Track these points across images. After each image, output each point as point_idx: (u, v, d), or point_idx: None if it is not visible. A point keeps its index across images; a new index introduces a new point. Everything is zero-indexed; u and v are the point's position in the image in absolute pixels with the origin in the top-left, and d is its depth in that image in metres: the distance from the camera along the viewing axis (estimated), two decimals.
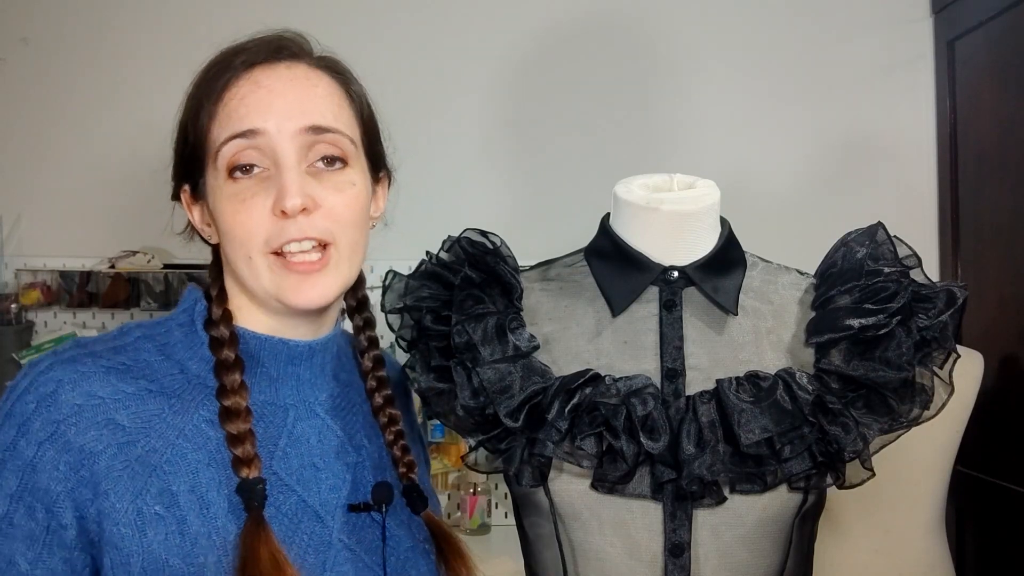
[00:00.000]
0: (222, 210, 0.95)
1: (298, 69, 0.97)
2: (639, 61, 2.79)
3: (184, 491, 0.91)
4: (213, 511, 0.91)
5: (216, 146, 0.94)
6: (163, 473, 0.91)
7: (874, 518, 2.20)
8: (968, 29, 2.61)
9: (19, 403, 0.91)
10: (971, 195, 2.64)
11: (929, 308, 1.10)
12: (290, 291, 0.95)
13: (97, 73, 2.76)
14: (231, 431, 0.94)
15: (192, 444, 0.94)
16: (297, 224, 0.93)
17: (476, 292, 1.14)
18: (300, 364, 1.02)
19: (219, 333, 0.98)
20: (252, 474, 0.93)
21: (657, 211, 1.14)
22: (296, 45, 0.99)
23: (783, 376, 1.06)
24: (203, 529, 0.90)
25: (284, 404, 1.01)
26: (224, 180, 0.95)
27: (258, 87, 0.95)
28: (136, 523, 0.89)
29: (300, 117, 0.94)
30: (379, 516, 1.02)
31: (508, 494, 1.17)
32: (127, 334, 0.99)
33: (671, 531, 1.05)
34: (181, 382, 0.97)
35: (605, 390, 1.05)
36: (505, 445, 1.09)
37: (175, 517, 0.90)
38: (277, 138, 0.93)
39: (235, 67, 0.95)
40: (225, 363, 0.97)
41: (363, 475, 1.04)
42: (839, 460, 1.05)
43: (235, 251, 0.96)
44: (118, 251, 2.69)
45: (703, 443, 1.03)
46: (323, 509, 0.99)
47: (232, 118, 0.94)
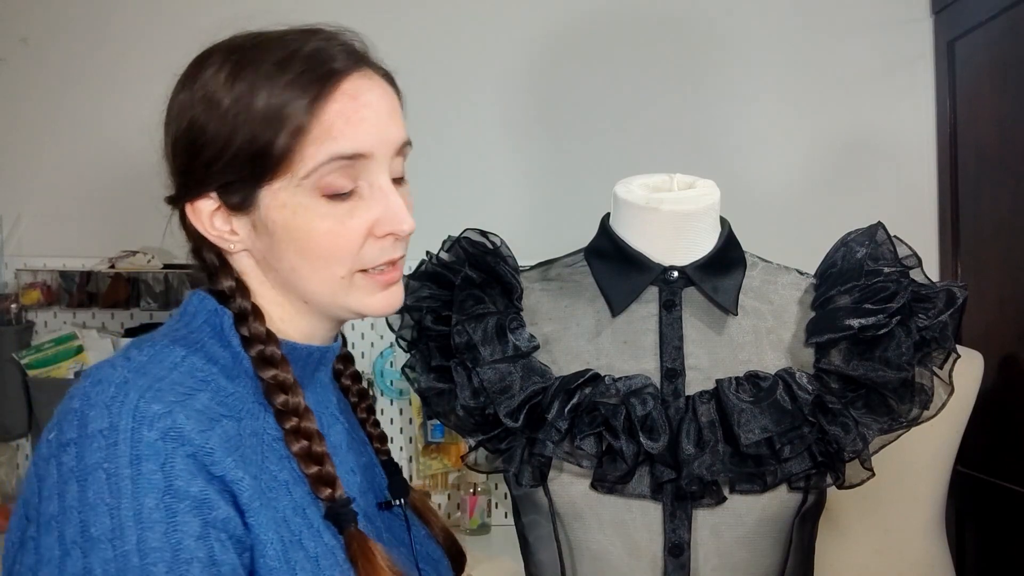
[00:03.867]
0: (311, 229, 0.89)
1: (375, 79, 0.94)
2: (641, 63, 2.79)
3: (290, 514, 0.87)
4: (316, 527, 0.88)
5: (313, 164, 0.88)
6: (268, 500, 0.86)
7: (874, 518, 2.20)
8: (968, 29, 2.61)
9: (142, 443, 0.79)
10: (971, 195, 2.64)
11: (929, 308, 1.10)
12: (376, 303, 0.95)
13: (97, 73, 2.76)
14: (303, 453, 0.90)
15: (276, 465, 0.89)
16: (395, 246, 0.93)
17: (476, 292, 1.14)
18: (323, 370, 1.01)
19: (270, 353, 0.92)
20: (338, 494, 0.90)
21: (657, 211, 1.14)
22: (362, 49, 0.95)
23: (783, 376, 1.06)
24: (319, 549, 0.87)
25: (317, 412, 0.97)
26: (315, 198, 0.89)
27: (359, 104, 0.90)
28: (282, 554, 0.84)
29: (396, 135, 0.93)
30: (399, 510, 1.04)
31: (508, 494, 1.17)
32: (167, 353, 0.88)
33: (671, 531, 1.05)
34: (240, 401, 0.89)
35: (605, 390, 1.06)
36: (505, 445, 1.10)
37: (295, 540, 0.86)
38: (380, 160, 0.91)
39: (329, 78, 0.89)
40: (283, 385, 0.91)
41: (375, 472, 1.05)
42: (839, 460, 1.05)
43: (317, 270, 0.91)
44: (118, 251, 2.68)
45: (703, 443, 1.03)
46: (369, 511, 1.00)
47: (337, 138, 0.88)
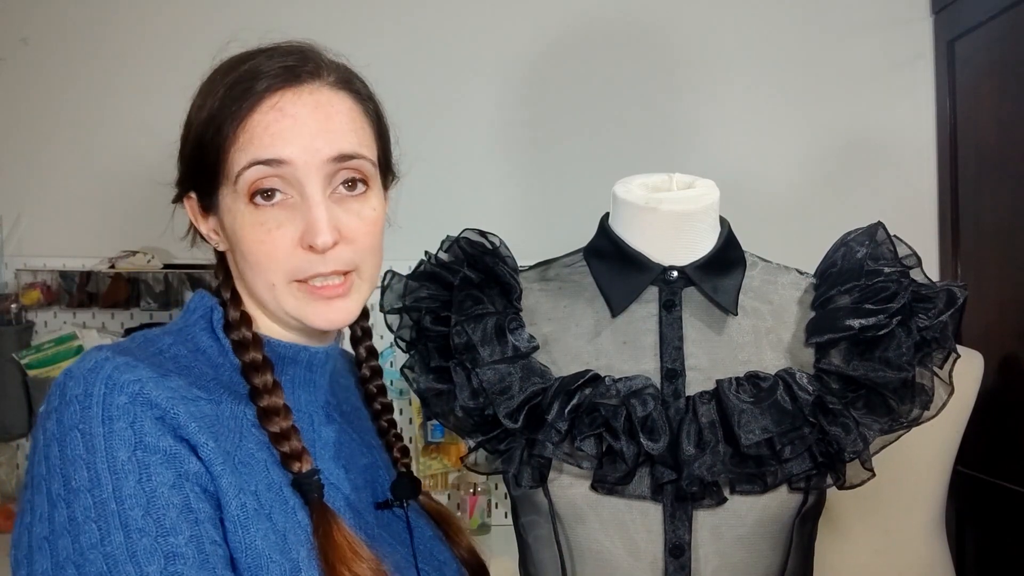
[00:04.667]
0: (243, 236, 0.93)
1: (321, 93, 0.94)
2: (639, 61, 2.79)
3: (263, 489, 0.90)
4: (291, 505, 0.91)
5: (237, 169, 0.92)
6: (239, 474, 0.89)
7: (874, 519, 2.20)
8: (968, 29, 2.61)
9: (112, 406, 0.83)
10: (971, 195, 2.64)
11: (929, 308, 1.10)
12: (314, 315, 0.95)
13: (97, 73, 2.76)
14: (273, 430, 0.93)
15: (253, 444, 0.92)
16: (324, 258, 0.92)
17: (475, 292, 1.14)
18: (316, 371, 1.03)
19: (241, 336, 0.97)
20: (304, 467, 0.92)
21: (656, 211, 1.14)
22: (313, 63, 0.96)
23: (783, 376, 1.06)
24: (288, 524, 0.90)
25: (307, 411, 1.02)
26: (245, 204, 0.92)
27: (283, 116, 0.92)
28: (240, 519, 0.87)
29: (326, 147, 0.92)
30: (400, 512, 1.05)
31: (508, 494, 1.17)
32: (156, 340, 0.95)
33: (671, 532, 1.05)
34: (222, 385, 0.94)
35: (605, 391, 1.05)
36: (505, 446, 1.09)
37: (265, 514, 0.89)
38: (304, 169, 0.91)
39: (257, 92, 0.92)
40: (254, 364, 0.96)
41: (378, 474, 1.07)
42: (839, 460, 1.05)
43: (256, 275, 0.95)
44: (118, 251, 2.69)
45: (703, 444, 1.03)
46: (361, 506, 1.01)
47: (256, 144, 0.91)
